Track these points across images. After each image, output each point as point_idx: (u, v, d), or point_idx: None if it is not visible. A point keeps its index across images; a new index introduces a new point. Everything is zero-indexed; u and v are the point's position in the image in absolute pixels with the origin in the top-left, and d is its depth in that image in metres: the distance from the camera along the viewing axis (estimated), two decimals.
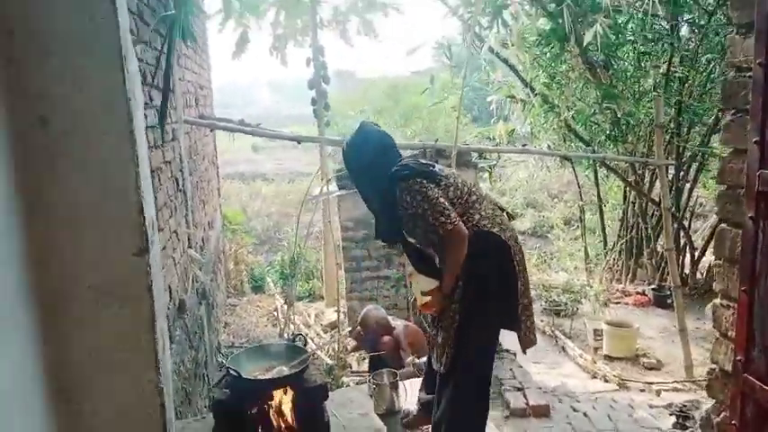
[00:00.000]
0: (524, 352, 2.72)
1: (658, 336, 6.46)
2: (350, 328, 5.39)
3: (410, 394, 3.17)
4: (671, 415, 4.21)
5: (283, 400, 2.77)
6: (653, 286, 7.56)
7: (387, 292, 6.40)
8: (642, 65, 7.37)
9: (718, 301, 1.88)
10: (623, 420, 4.43)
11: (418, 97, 16.26)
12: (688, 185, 7.94)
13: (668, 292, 6.77)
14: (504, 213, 2.78)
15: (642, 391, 5.16)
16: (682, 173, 7.82)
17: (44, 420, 0.99)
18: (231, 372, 2.75)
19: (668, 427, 4.00)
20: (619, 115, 7.27)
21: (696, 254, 7.84)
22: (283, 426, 2.73)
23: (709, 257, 7.52)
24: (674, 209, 7.20)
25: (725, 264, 1.84)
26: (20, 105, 0.92)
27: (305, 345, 3.17)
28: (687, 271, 7.80)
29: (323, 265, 8.22)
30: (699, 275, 7.71)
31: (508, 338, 3.14)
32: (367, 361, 4.87)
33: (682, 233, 7.74)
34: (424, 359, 4.47)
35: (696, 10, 7.00)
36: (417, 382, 3.55)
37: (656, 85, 7.32)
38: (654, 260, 7.98)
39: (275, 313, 7.17)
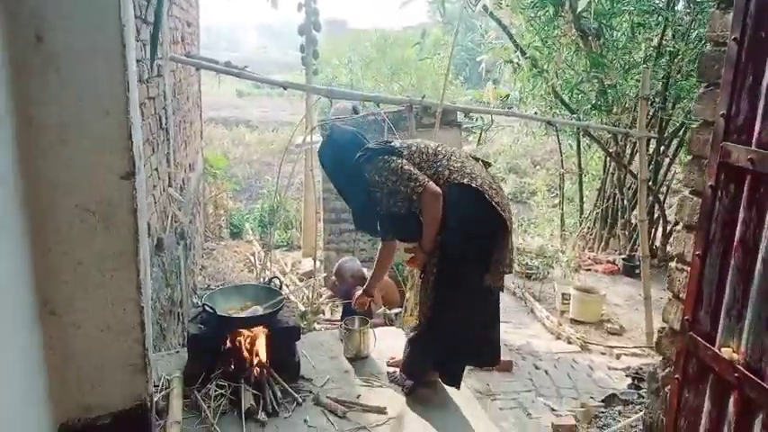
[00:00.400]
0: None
1: (624, 303, 6.67)
2: (324, 275, 5.48)
3: (379, 342, 3.27)
4: (627, 376, 4.42)
5: (257, 338, 2.85)
6: (623, 256, 7.75)
7: (363, 245, 6.48)
8: (635, 36, 7.37)
9: (673, 264, 1.98)
10: (582, 380, 4.64)
11: (407, 51, 16.07)
12: (667, 160, 8.06)
13: (637, 263, 6.97)
14: (479, 162, 2.86)
15: (603, 354, 5.37)
16: (663, 147, 7.93)
17: (32, 328, 1.04)
18: (207, 308, 2.81)
19: (624, 388, 4.20)
20: (606, 85, 7.31)
21: (668, 227, 8.03)
22: (255, 362, 2.81)
23: None
24: (651, 182, 7.34)
25: (683, 230, 1.94)
26: (16, 22, 0.93)
27: (280, 288, 3.24)
28: (658, 243, 8.00)
29: (302, 216, 8.27)
30: (668, 248, 7.92)
31: None
32: (340, 310, 4.98)
33: (656, 206, 7.90)
34: (395, 311, 4.59)
35: None
36: (386, 330, 3.67)
37: (646, 58, 7.35)
38: (627, 231, 8.17)
39: (252, 259, 7.23)
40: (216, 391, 2.65)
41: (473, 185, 2.60)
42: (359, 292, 4.60)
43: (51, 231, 1.07)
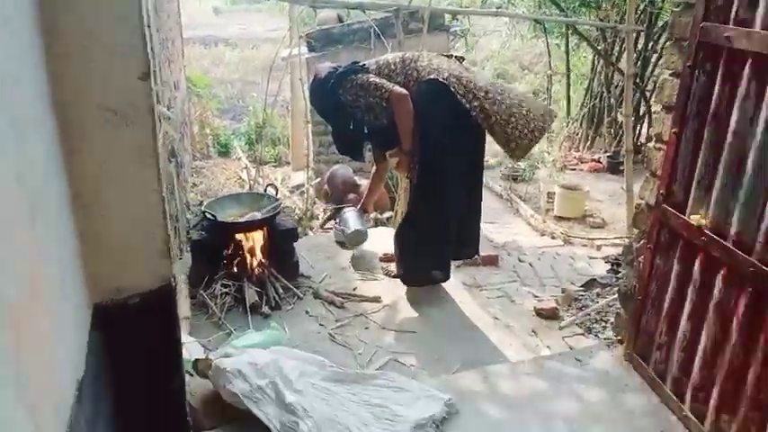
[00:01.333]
0: (517, 159, 3.02)
1: (607, 198, 6.89)
2: (318, 179, 5.60)
3: (371, 239, 3.46)
4: (606, 263, 4.68)
5: (256, 241, 3.02)
6: (608, 153, 7.90)
7: None
8: None
9: (651, 144, 2.12)
10: (564, 270, 4.89)
11: None
12: (655, 56, 8.02)
13: (621, 159, 7.11)
14: (452, 58, 2.96)
15: (585, 246, 5.62)
16: (651, 43, 7.87)
17: (68, 219, 1.17)
18: (207, 215, 2.97)
19: (603, 273, 4.46)
20: None
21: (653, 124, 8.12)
22: (256, 264, 3.00)
23: None
24: (638, 79, 7.36)
25: (662, 111, 2.06)
26: None
27: (276, 195, 3.38)
28: (643, 140, 8.13)
29: (290, 131, 8.30)
30: (649, 146, 8.04)
31: None
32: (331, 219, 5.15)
33: (642, 103, 7.95)
34: (387, 215, 4.78)
35: None
36: (378, 229, 3.87)
37: None
38: (613, 129, 8.26)
39: (242, 175, 7.33)
40: (221, 290, 2.86)
41: (439, 79, 2.71)
42: (351, 196, 4.79)
43: (77, 130, 1.17)
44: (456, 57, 3.04)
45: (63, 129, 1.13)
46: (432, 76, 2.72)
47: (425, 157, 2.78)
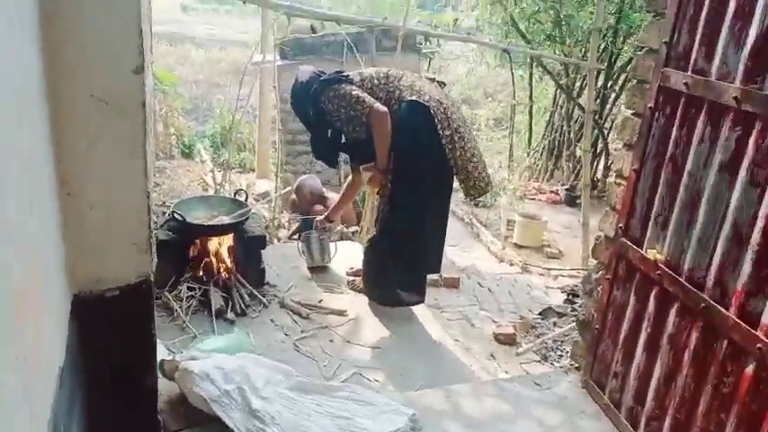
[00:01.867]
0: (472, 199, 3.02)
1: (564, 230, 7.08)
2: (287, 188, 5.56)
3: (338, 253, 3.46)
4: (563, 293, 4.80)
5: (224, 246, 2.99)
6: (566, 186, 8.13)
7: (320, 167, 6.54)
8: None
9: (612, 179, 2.22)
10: (521, 297, 5.00)
11: None
12: (614, 95, 8.34)
13: (578, 193, 7.34)
14: (434, 82, 3.02)
15: (542, 275, 5.75)
16: (610, 82, 8.19)
17: (53, 206, 1.15)
18: (176, 216, 2.92)
19: (559, 303, 4.58)
20: (561, 16, 7.43)
21: (610, 160, 8.41)
22: (222, 269, 2.96)
23: None
24: (597, 116, 7.63)
25: (623, 148, 2.16)
26: None
27: (245, 200, 3.35)
28: (599, 175, 8.40)
29: (256, 138, 8.22)
30: (608, 180, 8.33)
31: None
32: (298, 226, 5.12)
33: (600, 139, 8.24)
34: (353, 228, 4.79)
35: None
36: (345, 243, 3.87)
37: None
38: (571, 163, 8.53)
39: (206, 179, 7.21)
40: (186, 293, 2.80)
41: (421, 101, 2.76)
42: (318, 207, 4.77)
43: (68, 119, 1.16)
44: (438, 81, 3.09)
45: (54, 115, 1.11)
46: (414, 98, 2.76)
47: (400, 173, 2.81)
